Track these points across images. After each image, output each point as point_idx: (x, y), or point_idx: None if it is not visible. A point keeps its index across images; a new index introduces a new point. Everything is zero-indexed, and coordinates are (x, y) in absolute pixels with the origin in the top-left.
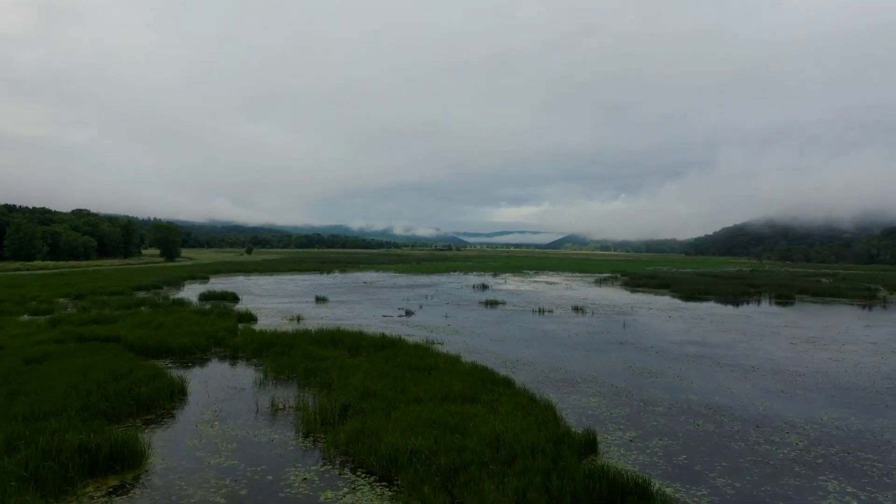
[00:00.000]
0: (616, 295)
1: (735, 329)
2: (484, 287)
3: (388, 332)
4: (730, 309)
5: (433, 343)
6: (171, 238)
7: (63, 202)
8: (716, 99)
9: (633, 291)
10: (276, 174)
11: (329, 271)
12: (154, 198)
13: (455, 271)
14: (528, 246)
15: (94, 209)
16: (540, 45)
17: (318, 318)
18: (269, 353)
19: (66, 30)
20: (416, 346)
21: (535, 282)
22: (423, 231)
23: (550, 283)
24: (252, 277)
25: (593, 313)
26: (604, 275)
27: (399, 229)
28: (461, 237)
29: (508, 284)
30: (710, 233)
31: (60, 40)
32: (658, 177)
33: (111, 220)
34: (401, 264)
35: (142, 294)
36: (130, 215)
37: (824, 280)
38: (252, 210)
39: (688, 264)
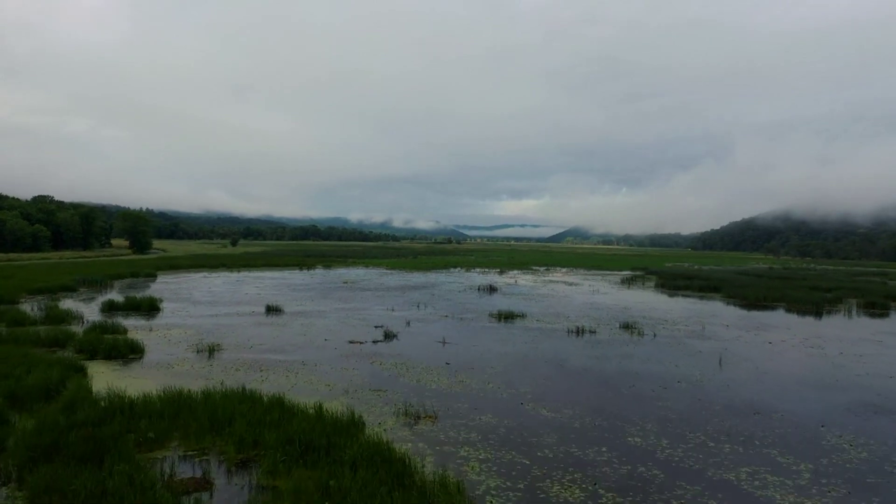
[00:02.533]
0: (658, 301)
1: None
2: (492, 289)
3: (338, 389)
4: (824, 324)
5: (419, 418)
6: (139, 228)
7: (48, 191)
8: (719, 91)
9: (672, 295)
10: (275, 165)
11: (310, 267)
12: (148, 188)
13: (455, 267)
14: (528, 240)
15: (83, 199)
16: (541, 35)
17: (245, 348)
18: (45, 473)
19: (52, 15)
20: (378, 446)
21: (551, 281)
22: (423, 224)
23: (570, 284)
24: (214, 274)
25: (655, 335)
26: (624, 272)
27: (398, 222)
28: (461, 230)
29: (520, 285)
30: (717, 227)
31: (48, 26)
32: (660, 170)
33: (75, 207)
34: (395, 259)
35: (34, 301)
36: (121, 205)
37: (891, 282)
38: (249, 201)
39: (706, 260)
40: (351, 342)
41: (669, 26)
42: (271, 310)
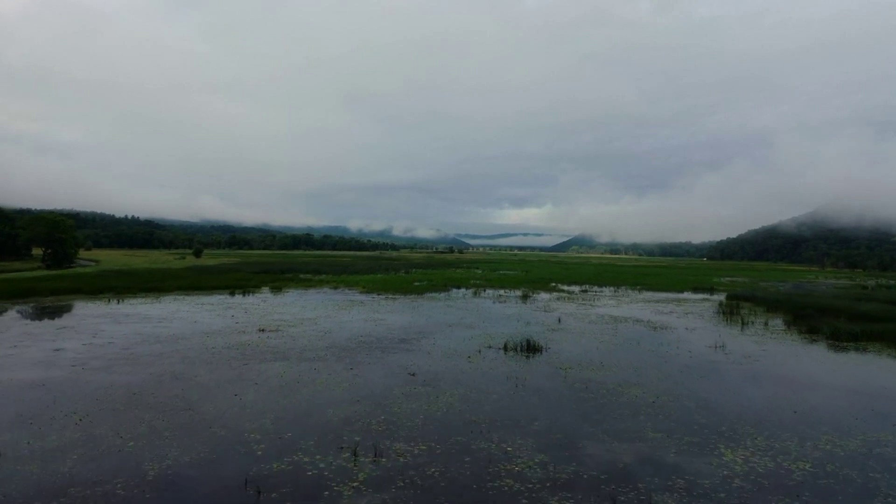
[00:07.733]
0: (866, 377)
1: None
2: (531, 349)
3: None
4: None
5: None
6: (56, 236)
7: (28, 198)
8: (726, 96)
9: (839, 350)
10: (275, 171)
11: (250, 291)
12: (140, 196)
13: (460, 287)
14: (532, 248)
15: (69, 207)
16: (546, 35)
17: None
18: None
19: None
20: None
21: (614, 318)
22: (424, 232)
23: (653, 327)
24: (85, 307)
25: None
26: (685, 294)
27: (399, 230)
28: (462, 239)
29: (571, 329)
30: (734, 235)
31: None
32: (667, 178)
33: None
34: (383, 274)
35: None
36: (106, 213)
37: None
38: (247, 209)
39: (749, 272)
40: None
41: (678, 28)
42: None
